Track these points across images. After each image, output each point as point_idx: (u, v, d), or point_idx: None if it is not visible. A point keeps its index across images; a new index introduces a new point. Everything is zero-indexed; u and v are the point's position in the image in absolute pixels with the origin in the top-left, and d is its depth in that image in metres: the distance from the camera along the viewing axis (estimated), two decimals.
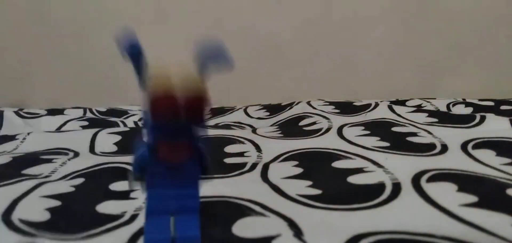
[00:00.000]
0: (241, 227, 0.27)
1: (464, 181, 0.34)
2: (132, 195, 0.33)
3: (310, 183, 0.35)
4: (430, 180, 0.34)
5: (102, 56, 0.85)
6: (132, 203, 0.32)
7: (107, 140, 0.49)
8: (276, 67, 0.89)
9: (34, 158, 0.42)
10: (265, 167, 0.40)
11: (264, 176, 0.37)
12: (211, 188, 0.34)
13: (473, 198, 0.30)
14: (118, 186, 0.35)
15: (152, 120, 0.18)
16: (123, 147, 0.48)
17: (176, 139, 0.19)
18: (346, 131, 0.51)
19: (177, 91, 0.16)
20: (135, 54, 0.19)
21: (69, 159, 0.43)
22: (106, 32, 0.84)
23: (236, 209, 0.30)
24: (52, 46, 0.84)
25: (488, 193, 0.31)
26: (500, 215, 0.28)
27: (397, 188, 0.33)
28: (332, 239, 0.25)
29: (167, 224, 0.19)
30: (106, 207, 0.31)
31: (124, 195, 0.33)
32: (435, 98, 0.75)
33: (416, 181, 0.34)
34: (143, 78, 0.19)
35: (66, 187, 0.34)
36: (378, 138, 0.47)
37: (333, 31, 0.88)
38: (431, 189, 0.33)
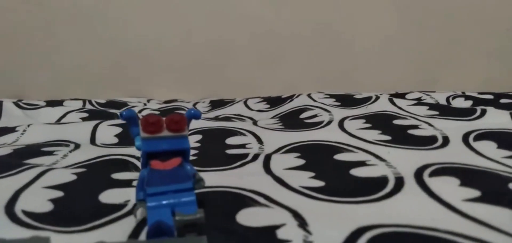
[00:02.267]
0: (245, 217, 0.27)
1: (466, 175, 0.34)
2: (134, 183, 0.33)
3: (313, 174, 0.35)
4: (432, 174, 0.34)
5: (101, 48, 0.85)
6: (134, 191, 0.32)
7: (107, 132, 0.49)
8: (276, 59, 0.89)
9: (35, 150, 0.42)
10: (267, 158, 0.40)
11: (267, 166, 0.37)
12: (215, 178, 0.34)
13: (476, 193, 0.30)
14: (120, 175, 0.35)
15: (143, 135, 0.24)
16: (123, 139, 0.47)
17: (164, 152, 0.25)
18: (347, 124, 0.51)
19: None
20: (131, 118, 0.26)
21: (70, 151, 0.43)
22: (106, 23, 0.84)
23: (239, 200, 0.30)
24: (51, 37, 0.84)
25: (491, 188, 0.31)
26: (503, 210, 0.28)
27: (400, 182, 0.33)
28: (338, 230, 0.25)
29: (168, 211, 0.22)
30: (109, 196, 0.31)
31: (126, 184, 0.33)
32: (434, 91, 0.75)
33: (419, 175, 0.34)
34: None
35: (68, 177, 0.34)
36: (380, 132, 0.47)
37: (333, 23, 0.88)
38: (434, 183, 0.33)
